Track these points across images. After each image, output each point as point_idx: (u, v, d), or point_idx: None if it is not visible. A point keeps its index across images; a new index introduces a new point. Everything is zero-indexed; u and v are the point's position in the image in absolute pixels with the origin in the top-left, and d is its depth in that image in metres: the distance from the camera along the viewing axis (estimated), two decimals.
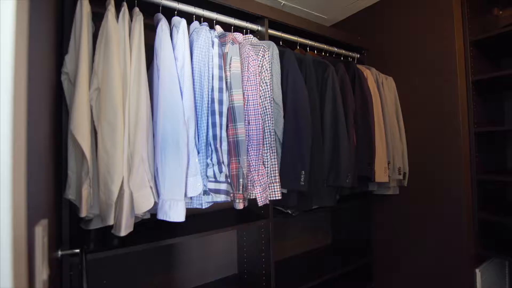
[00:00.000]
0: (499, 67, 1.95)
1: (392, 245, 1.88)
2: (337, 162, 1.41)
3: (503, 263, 1.85)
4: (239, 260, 1.72)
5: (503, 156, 1.90)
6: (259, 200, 1.17)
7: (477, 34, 1.62)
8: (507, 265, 1.89)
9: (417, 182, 1.73)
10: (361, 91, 1.59)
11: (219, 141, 1.08)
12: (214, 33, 1.15)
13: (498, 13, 1.96)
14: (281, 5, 1.95)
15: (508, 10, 1.93)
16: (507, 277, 1.89)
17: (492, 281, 1.71)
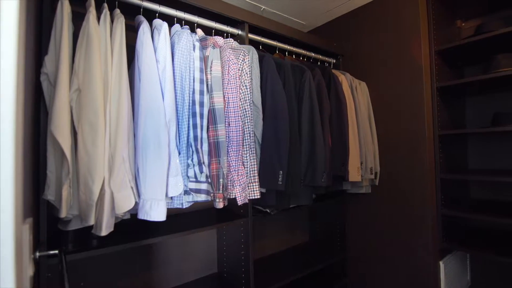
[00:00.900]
0: (462, 75, 2.12)
1: (365, 241, 1.98)
2: (313, 162, 1.48)
3: (464, 256, 2.00)
4: (219, 259, 1.75)
5: (465, 157, 2.06)
6: (239, 199, 1.21)
7: (441, 44, 1.75)
8: (468, 257, 2.05)
9: (388, 182, 1.85)
10: (336, 95, 1.67)
11: (200, 142, 1.11)
12: (195, 36, 1.18)
13: (461, 25, 2.13)
14: (261, 10, 2.01)
15: (470, 22, 2.10)
16: (468, 267, 2.06)
17: (455, 272, 1.86)
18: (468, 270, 2.05)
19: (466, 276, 2.02)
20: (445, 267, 1.73)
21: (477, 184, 2.02)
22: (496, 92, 1.92)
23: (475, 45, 1.64)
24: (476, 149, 2.03)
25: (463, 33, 2.09)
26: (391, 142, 1.83)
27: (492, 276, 1.94)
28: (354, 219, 2.05)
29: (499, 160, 1.91)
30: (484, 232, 1.87)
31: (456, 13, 2.03)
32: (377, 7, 1.90)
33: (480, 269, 2.00)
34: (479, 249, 1.59)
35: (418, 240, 1.70)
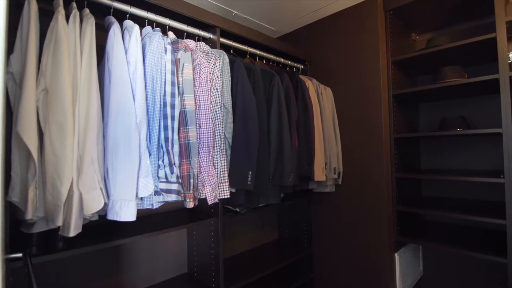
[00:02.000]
0: (416, 84, 2.33)
1: (329, 236, 2.10)
2: (281, 163, 1.56)
3: (417, 247, 2.20)
4: (189, 259, 1.77)
5: (418, 157, 2.27)
6: (209, 199, 1.25)
7: (398, 55, 1.92)
8: (420, 249, 2.25)
9: (349, 181, 1.98)
10: (303, 100, 1.77)
11: (171, 143, 1.14)
12: (167, 40, 1.20)
13: (416, 38, 2.33)
14: (233, 14, 2.06)
15: (423, 35, 2.31)
16: (421, 258, 2.26)
17: (408, 262, 2.04)
18: (420, 261, 2.25)
19: (419, 267, 2.22)
20: (400, 259, 1.89)
21: (428, 182, 2.23)
22: (444, 99, 2.15)
23: (426, 57, 1.83)
24: (427, 150, 2.24)
25: (417, 45, 2.30)
26: (353, 144, 1.97)
27: (442, 265, 2.15)
28: (319, 216, 2.16)
29: (447, 160, 2.13)
30: (435, 226, 2.07)
31: (411, 27, 2.23)
32: (341, 19, 2.04)
33: (431, 259, 2.21)
34: (430, 241, 1.76)
35: (375, 234, 1.85)
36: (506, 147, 1.47)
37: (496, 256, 1.49)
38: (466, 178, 1.58)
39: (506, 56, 1.48)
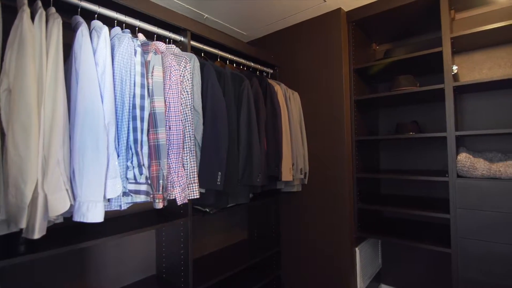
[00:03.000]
0: (376, 91, 2.51)
1: (296, 234, 2.20)
2: (250, 164, 1.62)
3: (376, 242, 2.37)
4: (157, 261, 1.76)
5: (377, 158, 2.44)
6: (178, 199, 1.27)
7: (359, 64, 2.07)
8: (379, 243, 2.43)
9: (315, 180, 2.09)
10: (272, 104, 1.85)
11: (140, 145, 1.15)
12: (137, 42, 1.21)
13: (376, 47, 2.51)
14: (204, 18, 2.08)
15: (382, 46, 2.50)
16: (380, 252, 2.43)
17: (368, 256, 2.19)
18: (379, 254, 2.43)
19: (378, 259, 2.40)
20: (360, 252, 2.03)
21: (386, 181, 2.41)
22: (400, 105, 2.34)
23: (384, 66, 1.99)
24: (386, 152, 2.43)
25: (377, 55, 2.48)
26: (318, 146, 2.08)
27: (398, 257, 2.34)
28: (287, 215, 2.25)
29: (403, 161, 2.32)
30: (392, 221, 2.24)
31: (372, 38, 2.40)
32: (308, 27, 2.15)
33: (389, 252, 2.39)
34: (387, 235, 1.91)
35: (338, 230, 1.97)
36: (450, 149, 1.66)
37: (442, 247, 1.66)
38: (416, 177, 1.75)
39: (450, 68, 1.66)
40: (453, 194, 1.63)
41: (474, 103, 1.97)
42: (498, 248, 1.49)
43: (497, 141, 1.89)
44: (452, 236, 1.62)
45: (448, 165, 1.66)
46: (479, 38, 1.73)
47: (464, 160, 1.59)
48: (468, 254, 1.58)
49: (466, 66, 2.00)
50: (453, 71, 1.67)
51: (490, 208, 1.52)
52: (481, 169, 1.56)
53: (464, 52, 2.01)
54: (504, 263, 1.48)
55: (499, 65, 1.89)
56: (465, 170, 1.59)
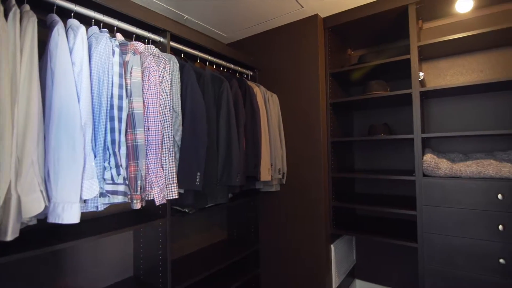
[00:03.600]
0: (351, 94, 2.62)
1: (274, 232, 2.25)
2: (229, 164, 1.65)
3: (351, 239, 2.47)
4: (135, 262, 1.75)
5: (352, 159, 2.55)
6: (157, 200, 1.28)
7: (334, 68, 2.16)
8: (354, 240, 2.53)
9: (292, 180, 2.15)
10: (251, 105, 1.89)
11: (118, 145, 1.15)
12: (115, 42, 1.20)
13: (351, 53, 2.62)
14: (184, 19, 2.09)
15: (357, 51, 2.61)
16: (354, 248, 2.54)
17: (343, 252, 2.28)
18: (354, 250, 2.53)
19: (352, 256, 2.50)
20: (335, 249, 2.12)
21: (360, 180, 2.52)
22: (372, 108, 2.46)
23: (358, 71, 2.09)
24: (360, 153, 2.54)
25: (352, 60, 2.59)
26: (296, 146, 2.15)
27: (372, 254, 2.45)
28: (265, 214, 2.30)
29: (376, 161, 2.44)
30: (366, 219, 2.35)
31: (348, 43, 2.50)
32: (287, 31, 2.21)
33: (363, 248, 2.50)
34: (361, 232, 2.00)
35: (314, 228, 2.04)
36: (416, 150, 1.77)
37: (410, 242, 1.77)
38: (387, 177, 1.86)
39: (417, 75, 1.78)
40: (419, 192, 1.74)
41: (439, 107, 2.12)
42: (460, 241, 1.62)
43: (459, 142, 2.04)
44: (418, 231, 1.74)
45: (415, 165, 1.77)
46: (443, 47, 1.87)
47: (429, 160, 1.71)
48: (432, 247, 1.70)
49: (432, 72, 2.14)
50: (420, 77, 1.79)
51: (452, 205, 1.64)
52: (444, 168, 1.68)
53: (430, 60, 2.15)
54: (465, 255, 1.60)
55: (461, 73, 2.04)
56: (430, 169, 1.71)
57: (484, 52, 1.97)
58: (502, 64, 1.91)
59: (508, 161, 1.66)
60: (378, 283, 2.41)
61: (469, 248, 1.59)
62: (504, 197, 1.51)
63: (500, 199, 1.52)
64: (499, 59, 1.92)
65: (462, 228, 1.61)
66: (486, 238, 1.55)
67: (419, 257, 1.74)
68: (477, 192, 1.58)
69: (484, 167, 1.58)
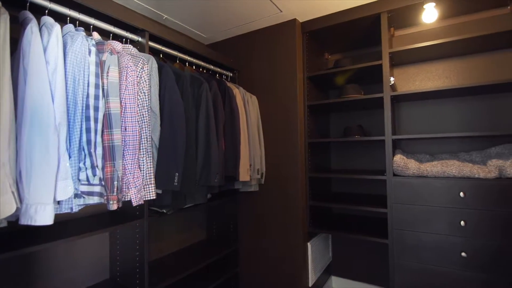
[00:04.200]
0: (328, 97, 2.70)
1: (253, 232, 2.28)
2: (208, 165, 1.66)
3: (327, 236, 2.55)
4: (111, 264, 1.72)
5: (329, 159, 2.63)
6: (134, 200, 1.27)
7: (312, 72, 2.23)
8: (330, 238, 2.62)
9: (271, 180, 2.20)
10: (230, 106, 1.91)
11: (94, 146, 1.13)
12: (91, 41, 1.19)
13: (328, 57, 2.71)
14: (164, 18, 2.08)
15: (334, 56, 2.70)
16: (330, 246, 2.62)
17: (320, 250, 2.35)
18: (330, 248, 2.62)
19: (328, 253, 2.58)
20: (312, 247, 2.18)
21: (336, 180, 2.61)
22: (347, 111, 2.55)
23: (334, 74, 2.17)
24: (336, 153, 2.63)
25: (329, 64, 2.68)
26: (274, 147, 2.19)
27: (347, 251, 2.54)
28: (244, 214, 2.33)
29: (352, 161, 2.53)
30: (342, 217, 2.44)
31: (324, 47, 2.59)
32: (266, 35, 2.25)
33: (339, 246, 2.59)
34: (337, 230, 2.08)
35: (292, 227, 2.10)
36: (387, 151, 1.87)
37: (381, 238, 1.87)
38: (360, 176, 1.94)
39: (388, 80, 1.88)
40: (390, 190, 1.84)
41: (409, 111, 2.24)
42: (427, 237, 1.73)
43: (426, 144, 2.17)
44: (389, 228, 1.83)
45: (386, 165, 1.87)
46: (412, 54, 1.98)
47: (398, 160, 1.81)
48: (402, 243, 1.79)
49: (403, 77, 2.26)
50: (391, 82, 1.89)
51: (419, 202, 1.75)
52: (413, 168, 1.79)
53: (401, 65, 2.27)
54: (431, 250, 1.71)
55: (428, 78, 2.17)
56: (399, 169, 1.81)
57: (450, 60, 2.11)
58: (466, 71, 2.05)
59: (470, 161, 1.79)
60: (353, 279, 2.50)
61: (435, 243, 1.70)
62: (466, 195, 1.63)
63: (462, 196, 1.64)
64: (463, 67, 2.06)
65: (429, 225, 1.72)
66: (449, 233, 1.67)
67: (390, 252, 1.83)
68: (442, 190, 1.69)
69: (448, 167, 1.70)
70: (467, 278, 1.62)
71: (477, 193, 1.60)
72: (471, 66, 2.04)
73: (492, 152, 1.79)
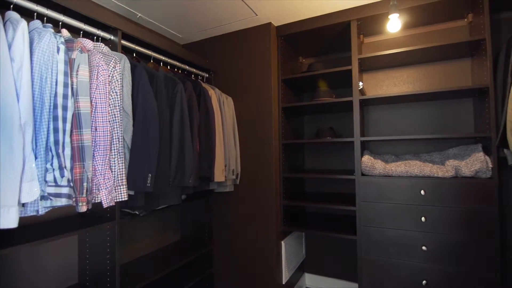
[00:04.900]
0: (302, 99, 2.78)
1: (228, 232, 2.30)
2: (182, 165, 1.66)
3: (301, 235, 2.62)
4: (80, 269, 1.67)
5: (302, 160, 2.71)
6: (104, 202, 1.25)
7: (286, 75, 2.29)
8: (303, 236, 2.69)
9: (246, 181, 2.23)
10: (206, 107, 1.92)
11: (62, 146, 1.10)
12: (60, 39, 1.16)
13: (303, 60, 2.79)
14: (137, 17, 2.05)
15: (308, 59, 2.78)
16: (304, 244, 2.70)
17: (293, 248, 2.42)
18: (303, 246, 2.69)
19: (302, 251, 2.66)
20: (286, 245, 2.24)
21: (309, 180, 2.70)
22: (320, 113, 2.65)
23: (307, 78, 2.24)
24: (310, 154, 2.71)
25: (303, 67, 2.76)
26: (249, 148, 2.23)
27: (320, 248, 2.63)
28: (220, 214, 2.35)
29: (325, 162, 2.63)
30: (315, 216, 2.52)
31: (299, 51, 2.66)
32: (242, 37, 2.28)
33: (312, 243, 2.67)
34: (309, 228, 2.15)
35: (266, 226, 2.14)
36: (356, 152, 1.97)
37: (351, 235, 1.96)
38: (331, 176, 2.03)
39: (357, 84, 1.97)
40: (358, 189, 1.93)
41: (377, 114, 2.37)
42: (392, 233, 1.84)
43: (392, 145, 2.30)
44: (358, 225, 1.93)
45: (355, 165, 1.96)
46: (379, 60, 2.10)
47: (366, 161, 1.91)
48: (369, 239, 1.89)
49: (372, 82, 2.38)
50: (360, 87, 1.99)
51: (385, 200, 1.86)
52: (379, 168, 1.89)
53: (370, 71, 2.39)
54: (396, 244, 1.82)
55: (394, 84, 2.31)
56: (367, 169, 1.91)
57: (413, 67, 2.25)
58: (428, 78, 2.20)
59: (430, 161, 1.93)
60: (325, 275, 2.59)
61: (399, 238, 1.82)
62: (426, 192, 1.76)
63: (422, 194, 1.76)
64: (425, 73, 2.21)
65: (393, 221, 1.83)
66: (412, 228, 1.79)
67: (358, 248, 1.93)
68: (405, 188, 1.81)
69: (410, 167, 1.82)
70: (427, 269, 1.74)
71: (436, 191, 1.73)
72: (432, 73, 2.19)
73: (450, 153, 1.94)
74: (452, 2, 1.80)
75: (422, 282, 1.75)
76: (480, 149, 1.75)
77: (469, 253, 1.65)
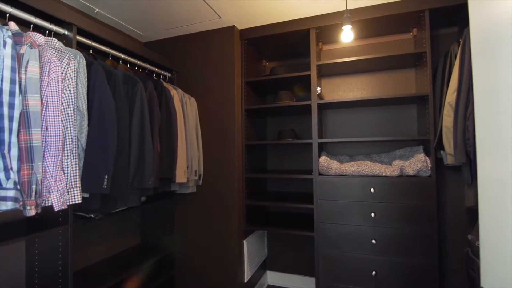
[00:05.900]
0: (266, 102, 2.86)
1: (190, 233, 2.29)
2: (141, 166, 1.63)
3: (263, 234, 2.69)
4: (28, 277, 1.56)
5: (265, 160, 2.79)
6: (55, 205, 1.19)
7: (250, 77, 2.34)
8: (266, 234, 2.76)
9: (209, 181, 2.24)
10: (167, 107, 1.90)
11: (7, 146, 1.04)
12: (7, 32, 1.09)
13: (266, 64, 2.87)
14: (95, 12, 1.96)
15: (271, 63, 2.86)
16: (266, 242, 2.77)
17: (255, 247, 2.47)
18: (265, 244, 2.76)
19: (264, 249, 2.72)
20: (248, 244, 2.29)
21: (271, 180, 2.78)
22: (282, 115, 2.74)
23: (269, 81, 2.31)
24: (272, 155, 2.79)
25: (267, 71, 2.83)
26: (213, 149, 2.25)
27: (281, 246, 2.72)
28: (182, 215, 2.33)
29: (286, 163, 2.72)
30: (276, 215, 2.60)
31: (262, 55, 2.73)
32: (205, 38, 2.29)
33: (274, 242, 2.75)
34: (271, 227, 2.22)
35: (228, 226, 2.17)
36: (314, 153, 2.08)
37: (309, 232, 2.06)
38: (290, 176, 2.12)
39: (315, 89, 2.09)
40: (316, 188, 2.05)
41: (334, 117, 2.52)
42: (345, 229, 1.97)
43: (347, 147, 2.46)
44: (315, 222, 2.04)
45: (313, 166, 2.07)
46: (335, 67, 2.24)
47: (323, 161, 2.03)
48: (325, 235, 2.01)
49: (329, 88, 2.53)
50: (318, 91, 2.11)
51: (339, 198, 1.99)
52: (335, 168, 2.02)
53: (328, 77, 2.54)
54: (349, 239, 1.96)
55: (350, 89, 2.47)
56: (324, 169, 2.03)
57: (366, 74, 2.43)
58: (379, 85, 2.40)
59: (380, 162, 2.10)
60: (286, 272, 2.69)
61: (352, 234, 1.96)
62: (375, 190, 1.91)
63: (372, 192, 1.92)
64: (377, 81, 2.40)
65: (347, 217, 1.97)
66: (363, 224, 1.93)
67: (315, 244, 2.04)
68: (357, 187, 1.95)
69: (362, 167, 1.97)
70: (376, 261, 1.90)
71: (384, 189, 1.90)
72: (382, 81, 2.39)
73: (397, 154, 2.13)
74: (400, 17, 1.99)
75: (372, 273, 1.90)
76: (421, 150, 1.95)
77: (411, 244, 1.83)
